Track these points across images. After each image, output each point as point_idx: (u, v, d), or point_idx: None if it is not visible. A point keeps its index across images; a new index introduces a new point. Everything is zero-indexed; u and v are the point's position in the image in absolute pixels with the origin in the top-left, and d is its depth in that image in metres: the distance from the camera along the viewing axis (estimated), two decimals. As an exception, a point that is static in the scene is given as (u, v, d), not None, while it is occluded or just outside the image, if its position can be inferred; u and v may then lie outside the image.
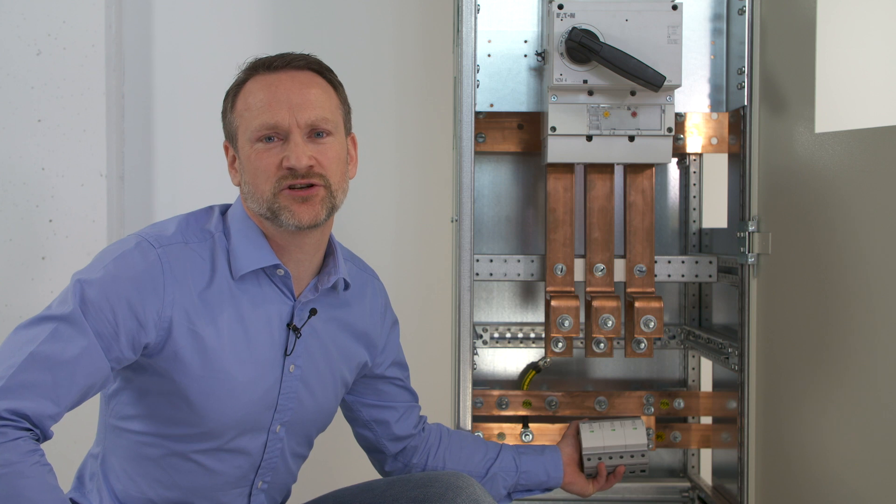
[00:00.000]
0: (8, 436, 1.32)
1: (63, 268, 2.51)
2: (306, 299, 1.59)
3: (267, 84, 1.51)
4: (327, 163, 1.51)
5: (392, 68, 2.68)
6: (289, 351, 1.57)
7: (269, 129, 1.49)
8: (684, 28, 1.94)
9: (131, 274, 1.44)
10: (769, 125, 1.87)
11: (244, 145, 1.52)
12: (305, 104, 1.50)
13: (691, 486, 2.25)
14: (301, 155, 1.47)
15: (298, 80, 1.52)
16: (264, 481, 1.62)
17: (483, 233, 2.19)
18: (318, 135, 1.51)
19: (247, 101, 1.52)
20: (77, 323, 1.39)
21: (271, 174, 1.48)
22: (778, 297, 1.83)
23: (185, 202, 2.62)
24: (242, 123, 1.52)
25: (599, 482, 1.91)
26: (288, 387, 1.58)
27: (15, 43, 2.49)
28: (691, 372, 2.27)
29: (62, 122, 2.51)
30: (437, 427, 1.86)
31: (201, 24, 2.67)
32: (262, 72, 1.53)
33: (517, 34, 2.08)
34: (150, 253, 1.46)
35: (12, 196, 2.50)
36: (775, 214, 1.84)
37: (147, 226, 1.55)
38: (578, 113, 1.88)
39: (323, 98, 1.53)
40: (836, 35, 2.13)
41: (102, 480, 1.58)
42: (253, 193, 1.51)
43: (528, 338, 2.20)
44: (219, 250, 1.52)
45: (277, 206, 1.49)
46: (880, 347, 1.55)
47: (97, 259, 1.48)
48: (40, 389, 1.36)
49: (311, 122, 1.50)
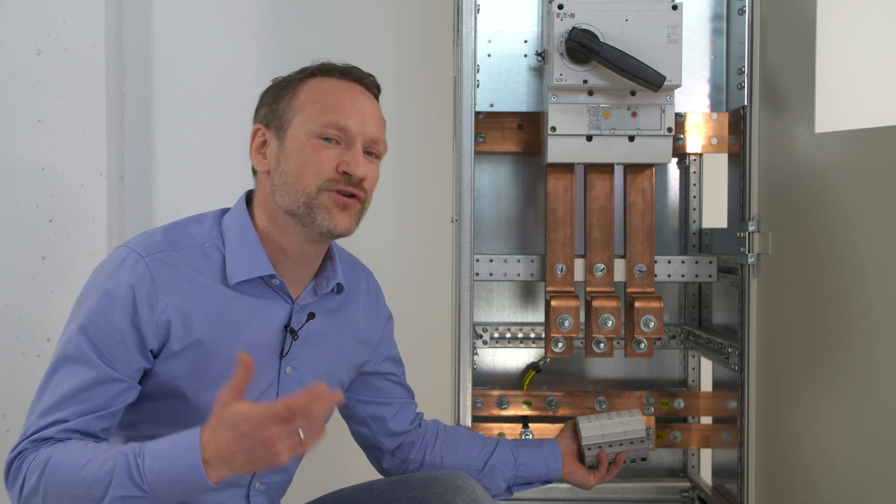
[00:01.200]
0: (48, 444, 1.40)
1: (63, 268, 2.51)
2: (304, 302, 1.59)
3: (344, 89, 1.56)
4: (372, 182, 1.57)
5: (392, 68, 2.68)
6: (284, 352, 1.57)
7: (337, 130, 1.51)
8: (684, 28, 1.94)
9: (122, 293, 1.45)
10: (769, 125, 1.87)
11: (298, 135, 1.52)
12: (373, 121, 1.57)
13: (691, 486, 2.25)
14: (360, 164, 1.52)
15: (370, 97, 1.60)
16: (262, 482, 1.62)
17: (483, 233, 2.19)
18: (369, 153, 1.56)
19: (319, 94, 1.54)
20: (91, 362, 1.44)
21: (324, 172, 1.50)
22: (778, 298, 1.83)
23: (185, 202, 2.62)
24: (305, 114, 1.53)
25: (601, 472, 1.90)
26: (285, 389, 1.58)
27: (15, 43, 2.49)
28: (691, 372, 2.27)
29: (62, 122, 2.51)
30: (433, 423, 1.86)
31: (201, 24, 2.67)
32: (337, 76, 1.58)
33: (517, 34, 2.08)
34: (139, 264, 1.46)
35: (12, 196, 2.50)
36: (775, 214, 1.84)
37: (136, 235, 1.55)
38: (578, 113, 1.88)
39: (381, 123, 1.61)
40: (837, 35, 2.13)
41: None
42: (291, 185, 1.51)
43: (528, 338, 2.20)
44: (213, 254, 1.53)
45: (317, 203, 1.50)
46: (880, 347, 1.55)
47: (89, 286, 1.49)
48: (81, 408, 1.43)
49: (374, 139, 1.56)
